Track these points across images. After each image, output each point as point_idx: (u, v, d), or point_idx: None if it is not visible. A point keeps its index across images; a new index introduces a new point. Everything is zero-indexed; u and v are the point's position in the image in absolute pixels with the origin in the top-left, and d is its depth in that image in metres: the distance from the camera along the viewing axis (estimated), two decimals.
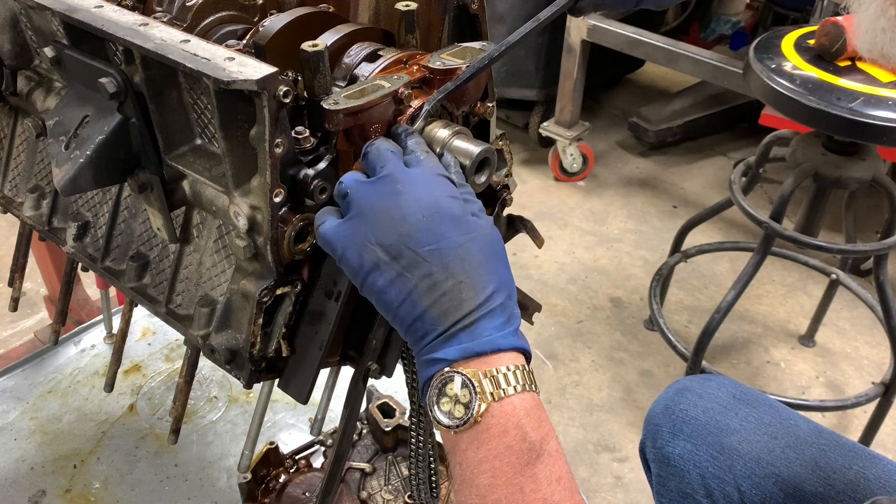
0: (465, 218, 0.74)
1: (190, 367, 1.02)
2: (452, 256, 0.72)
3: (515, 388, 0.70)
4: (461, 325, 0.71)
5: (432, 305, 0.71)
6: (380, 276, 0.73)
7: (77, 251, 1.10)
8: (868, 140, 1.89)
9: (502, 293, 0.73)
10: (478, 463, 0.69)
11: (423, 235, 0.72)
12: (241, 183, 0.83)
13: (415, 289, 0.72)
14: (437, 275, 0.71)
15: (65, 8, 0.86)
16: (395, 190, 0.73)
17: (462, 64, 0.88)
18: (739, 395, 1.23)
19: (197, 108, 0.87)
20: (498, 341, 0.71)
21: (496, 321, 0.72)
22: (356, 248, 0.74)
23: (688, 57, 2.89)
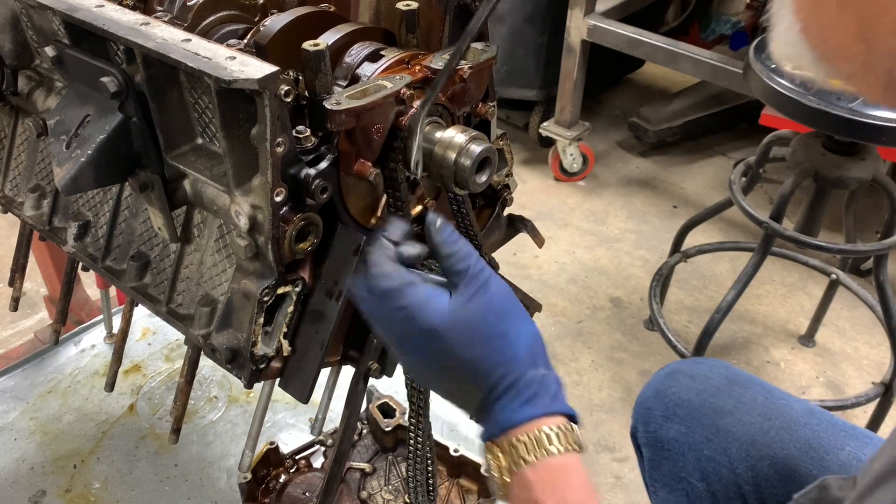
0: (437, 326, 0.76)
1: (191, 366, 1.02)
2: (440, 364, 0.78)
3: (526, 461, 0.74)
4: (489, 400, 0.76)
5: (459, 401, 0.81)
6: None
7: (78, 251, 1.10)
8: (868, 140, 1.89)
9: (501, 372, 0.76)
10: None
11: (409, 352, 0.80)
12: (243, 182, 0.83)
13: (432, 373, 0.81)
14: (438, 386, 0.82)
15: (66, 7, 0.86)
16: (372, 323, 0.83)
17: (464, 64, 0.88)
18: (732, 377, 1.22)
19: (198, 107, 0.87)
20: (504, 422, 0.75)
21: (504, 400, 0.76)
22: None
23: (688, 57, 2.89)
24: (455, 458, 1.54)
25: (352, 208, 0.91)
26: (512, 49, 3.38)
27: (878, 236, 2.27)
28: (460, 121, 0.93)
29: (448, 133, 0.85)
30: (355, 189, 0.90)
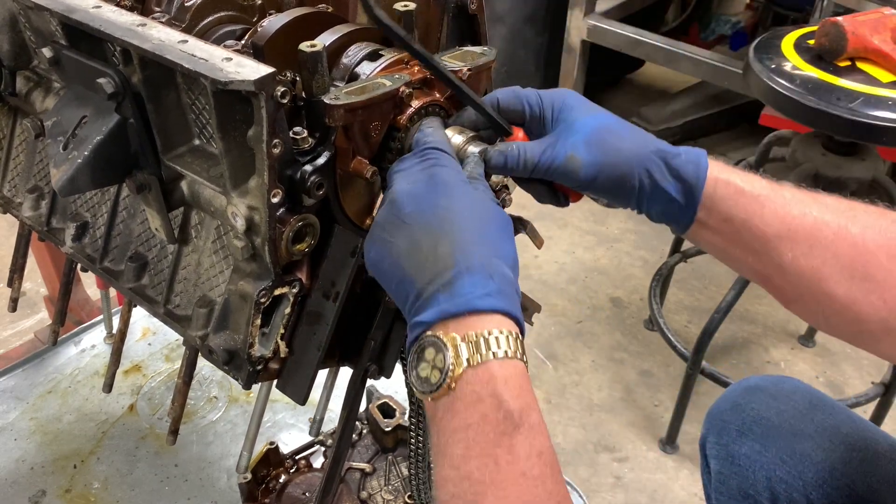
0: (456, 184, 0.75)
1: (188, 367, 1.02)
2: (433, 217, 0.72)
3: (495, 355, 0.66)
4: (438, 283, 0.68)
5: (411, 265, 0.71)
6: (372, 247, 0.76)
7: (76, 251, 1.10)
8: (868, 140, 1.88)
9: (487, 252, 0.70)
10: (452, 432, 0.67)
11: (407, 200, 0.74)
12: (239, 183, 0.83)
13: (399, 251, 0.72)
14: (418, 234, 0.72)
15: (63, 8, 0.86)
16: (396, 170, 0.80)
17: (462, 66, 0.88)
18: (815, 402, 1.19)
19: (195, 108, 0.87)
20: (475, 302, 0.67)
21: (475, 278, 0.68)
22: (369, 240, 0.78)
23: (688, 57, 2.89)
24: None
25: (348, 209, 0.91)
26: (512, 49, 3.38)
27: None
28: None
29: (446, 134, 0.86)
30: (352, 188, 0.90)
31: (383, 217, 0.76)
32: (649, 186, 0.84)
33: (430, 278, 0.69)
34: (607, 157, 0.82)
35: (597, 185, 0.84)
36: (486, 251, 0.71)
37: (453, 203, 0.73)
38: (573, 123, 0.84)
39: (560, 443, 2.29)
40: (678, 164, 0.83)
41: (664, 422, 2.32)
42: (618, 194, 0.85)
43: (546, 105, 0.86)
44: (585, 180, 0.83)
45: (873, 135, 1.75)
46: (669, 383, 2.49)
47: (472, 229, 0.72)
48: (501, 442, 0.65)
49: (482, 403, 0.66)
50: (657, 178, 0.83)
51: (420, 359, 0.69)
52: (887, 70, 1.83)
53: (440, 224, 0.71)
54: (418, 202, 0.73)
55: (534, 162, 0.83)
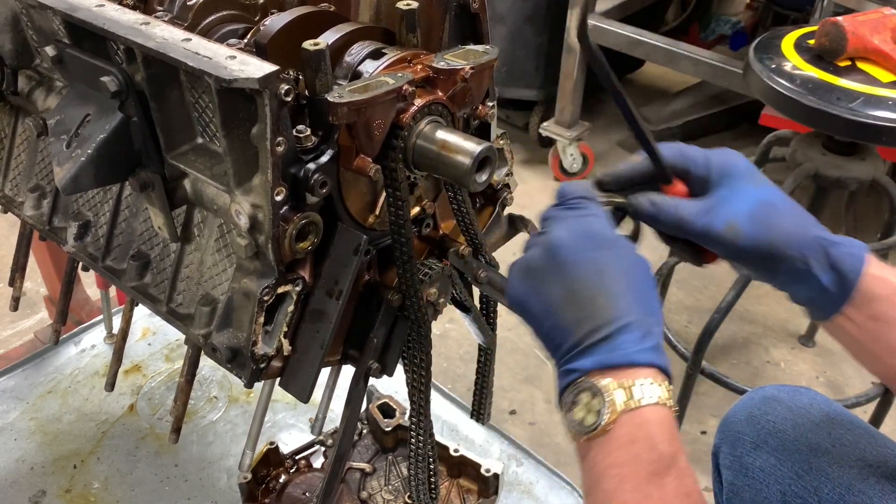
0: (611, 238, 0.79)
1: (191, 366, 1.02)
2: (592, 269, 0.76)
3: (649, 402, 0.71)
4: (597, 336, 0.73)
5: (567, 313, 0.75)
6: (521, 287, 0.79)
7: (78, 250, 1.10)
8: (868, 140, 1.89)
9: (640, 308, 0.74)
10: (605, 468, 0.71)
11: (565, 249, 0.77)
12: (243, 182, 0.83)
13: (553, 299, 0.76)
14: (575, 285, 0.75)
15: (66, 7, 0.86)
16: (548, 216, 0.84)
17: (465, 65, 0.88)
18: (833, 415, 1.15)
19: (198, 106, 0.87)
20: (633, 356, 0.72)
21: (633, 335, 0.73)
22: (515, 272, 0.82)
23: (688, 57, 2.89)
24: (455, 458, 1.54)
25: (351, 207, 0.91)
26: (512, 49, 3.38)
27: (878, 236, 2.27)
28: (460, 122, 0.93)
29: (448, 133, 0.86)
30: (355, 186, 0.90)
31: (537, 261, 0.79)
32: (802, 271, 0.83)
33: (589, 331, 0.74)
34: (768, 234, 0.82)
35: (747, 257, 0.84)
36: (641, 309, 0.75)
37: (610, 257, 0.77)
38: (738, 191, 0.84)
39: (560, 443, 2.29)
40: (837, 255, 0.83)
41: None
42: (765, 270, 0.86)
43: (712, 165, 0.86)
44: (740, 252, 0.84)
45: (873, 135, 1.75)
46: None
47: (627, 285, 0.75)
48: (653, 480, 0.69)
49: (636, 444, 0.70)
50: (812, 265, 0.83)
51: (575, 402, 0.73)
52: (887, 70, 1.83)
53: (599, 277, 0.75)
54: (576, 253, 0.77)
55: (689, 222, 0.84)
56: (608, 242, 0.78)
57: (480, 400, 1.26)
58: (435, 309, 1.03)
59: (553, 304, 0.76)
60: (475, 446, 1.68)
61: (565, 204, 0.83)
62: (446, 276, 1.03)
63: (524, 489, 1.61)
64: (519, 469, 1.64)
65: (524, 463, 1.66)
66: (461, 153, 0.83)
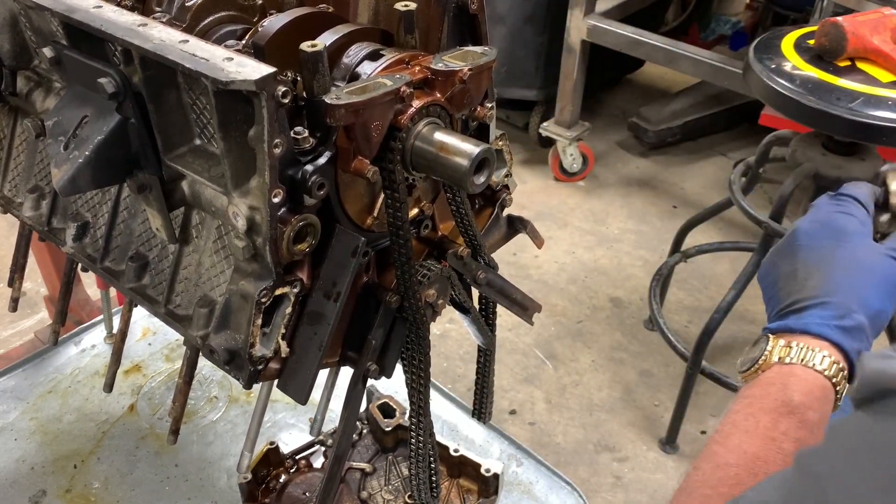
0: (850, 232, 0.88)
1: (189, 367, 1.02)
2: (815, 254, 0.87)
3: (805, 362, 0.79)
4: (794, 307, 0.84)
5: (784, 287, 0.88)
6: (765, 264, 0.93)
7: (76, 251, 1.10)
8: (868, 140, 1.89)
9: (849, 297, 0.82)
10: (740, 396, 0.82)
11: (801, 235, 0.90)
12: (240, 183, 0.83)
13: (780, 274, 0.89)
14: (798, 265, 0.87)
15: (64, 8, 0.86)
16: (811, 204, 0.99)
17: (463, 66, 0.88)
18: None
19: (196, 108, 0.87)
20: (811, 326, 0.81)
21: (825, 312, 0.81)
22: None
23: (688, 57, 2.89)
24: (455, 458, 1.54)
25: (349, 208, 0.91)
26: (512, 49, 3.38)
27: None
28: (458, 124, 0.93)
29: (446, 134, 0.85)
30: (352, 188, 0.90)
31: (781, 243, 0.93)
32: None
33: (791, 302, 0.85)
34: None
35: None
36: (849, 296, 0.83)
37: (837, 247, 0.87)
38: None
39: (560, 442, 2.29)
40: None
41: (664, 422, 2.32)
42: None
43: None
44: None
45: (873, 135, 1.75)
46: (669, 383, 2.49)
47: (844, 273, 0.84)
48: (769, 414, 0.78)
49: (772, 386, 0.80)
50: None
51: (753, 348, 0.86)
52: (887, 70, 1.83)
53: (818, 261, 0.86)
54: (808, 238, 0.89)
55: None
56: (844, 237, 0.88)
57: (481, 399, 1.26)
58: (434, 310, 1.03)
59: (780, 278, 0.89)
60: (475, 446, 1.68)
61: (834, 197, 0.97)
62: (445, 277, 1.03)
63: (524, 489, 1.61)
64: (519, 469, 1.64)
65: (524, 463, 1.65)
66: (459, 155, 0.83)
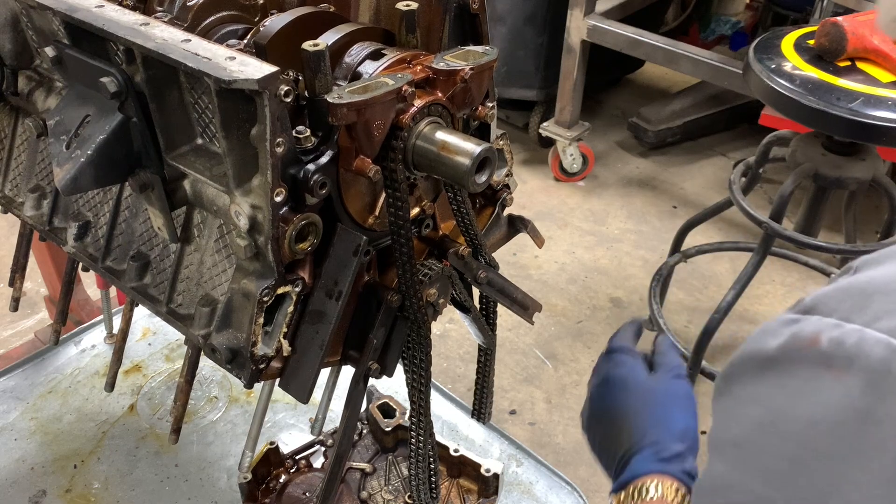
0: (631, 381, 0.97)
1: (191, 366, 1.02)
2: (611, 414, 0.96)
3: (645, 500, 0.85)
4: (619, 462, 0.92)
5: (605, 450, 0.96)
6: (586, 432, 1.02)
7: (78, 251, 1.10)
8: (868, 140, 1.89)
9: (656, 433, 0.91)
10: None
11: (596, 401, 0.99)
12: (242, 182, 0.83)
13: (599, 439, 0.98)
14: (606, 428, 0.96)
15: (66, 7, 0.86)
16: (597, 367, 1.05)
17: (465, 66, 0.88)
18: None
19: (198, 107, 0.87)
20: (637, 469, 0.88)
21: (643, 455, 0.89)
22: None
23: (688, 57, 2.90)
24: (455, 458, 1.54)
25: (351, 207, 0.91)
26: (512, 49, 3.38)
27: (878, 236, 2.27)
28: (459, 123, 0.93)
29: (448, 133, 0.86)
30: (354, 187, 0.90)
31: (588, 409, 1.01)
32: None
33: (615, 460, 0.93)
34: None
35: None
36: (657, 432, 0.91)
37: (627, 399, 0.95)
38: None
39: (560, 443, 2.29)
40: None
41: None
42: None
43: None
44: None
45: (873, 135, 1.75)
46: None
47: (643, 417, 0.93)
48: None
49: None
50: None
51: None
52: (887, 70, 1.83)
53: (619, 418, 0.94)
54: (601, 402, 0.98)
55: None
56: (626, 387, 0.97)
57: (481, 399, 1.27)
58: (435, 309, 1.03)
59: (599, 447, 0.98)
60: (475, 446, 1.68)
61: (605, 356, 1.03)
62: (446, 276, 1.03)
63: (524, 489, 1.61)
64: (519, 469, 1.64)
65: (524, 463, 1.66)
66: (461, 154, 0.83)
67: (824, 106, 1.75)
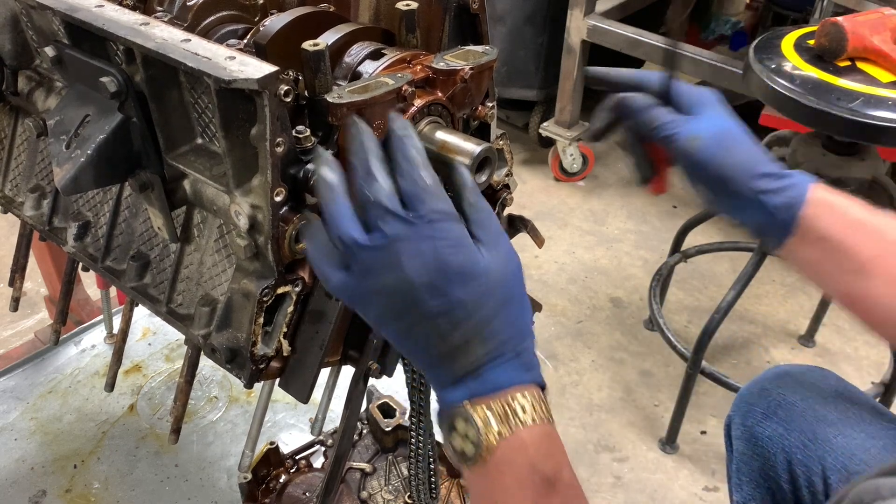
0: (472, 268, 0.71)
1: (190, 367, 1.02)
2: (460, 313, 0.71)
3: (524, 423, 0.70)
4: (467, 369, 0.72)
5: (442, 357, 0.72)
6: (392, 329, 0.74)
7: (78, 251, 1.10)
8: (868, 140, 1.88)
9: (510, 333, 0.73)
10: (489, 495, 0.71)
11: (430, 296, 0.70)
12: (242, 182, 0.83)
13: (426, 342, 0.72)
14: (445, 328, 0.71)
15: (66, 7, 0.86)
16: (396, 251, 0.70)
17: (465, 66, 0.88)
18: (842, 390, 1.21)
19: (198, 107, 0.87)
20: (502, 382, 0.71)
21: (502, 360, 0.72)
22: (365, 304, 0.74)
23: (688, 57, 2.89)
24: None
25: None
26: (512, 49, 3.38)
27: None
28: (459, 123, 0.93)
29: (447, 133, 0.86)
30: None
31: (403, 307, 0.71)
32: (750, 201, 0.90)
33: (460, 366, 0.72)
34: (724, 156, 0.89)
35: (701, 176, 0.91)
36: (509, 332, 0.73)
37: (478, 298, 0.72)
38: (708, 115, 0.92)
39: None
40: (782, 186, 0.89)
41: (664, 422, 2.32)
42: (717, 195, 0.92)
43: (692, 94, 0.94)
44: (695, 164, 0.90)
45: (873, 135, 1.75)
46: (669, 383, 2.49)
47: (494, 315, 0.72)
48: (539, 502, 0.69)
49: (516, 470, 0.70)
50: (760, 195, 0.89)
51: (452, 430, 0.72)
52: (887, 70, 1.83)
53: (465, 316, 0.71)
54: (438, 296, 0.70)
55: (662, 123, 0.91)
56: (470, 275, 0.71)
57: None
58: None
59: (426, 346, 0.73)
60: None
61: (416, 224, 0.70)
62: None
63: None
64: None
65: None
66: (461, 154, 0.83)
67: (824, 106, 1.75)
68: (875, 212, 0.90)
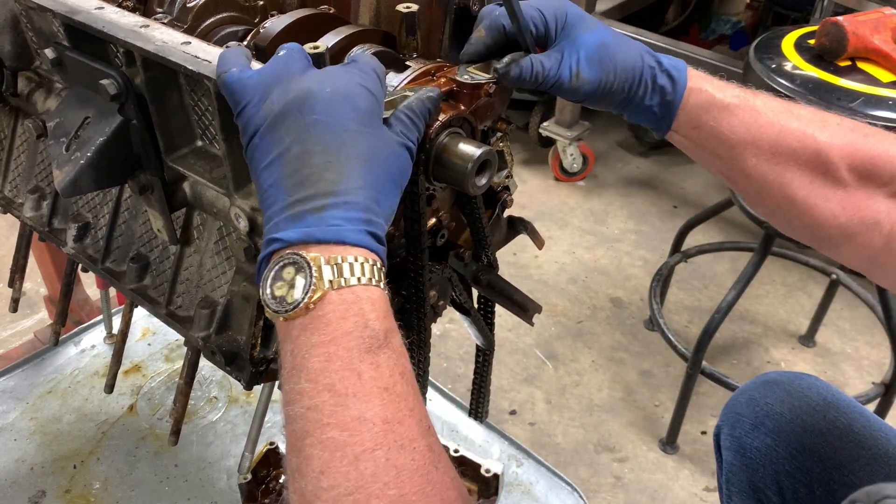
0: (372, 114, 0.71)
1: (190, 368, 1.02)
2: (335, 137, 0.68)
3: (360, 280, 0.65)
4: (311, 204, 0.66)
5: (292, 174, 0.67)
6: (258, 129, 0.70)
7: (77, 252, 1.10)
8: None
9: (372, 194, 0.68)
10: (311, 347, 0.64)
11: (320, 105, 0.68)
12: (243, 185, 0.83)
13: (285, 153, 0.68)
14: (315, 148, 0.67)
15: (66, 9, 0.86)
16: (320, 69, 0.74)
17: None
18: (831, 399, 1.21)
19: (198, 109, 0.87)
20: (346, 234, 0.66)
21: (350, 214, 0.66)
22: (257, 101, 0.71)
23: (688, 57, 2.89)
24: (455, 458, 1.54)
25: None
26: None
27: None
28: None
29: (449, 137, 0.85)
30: None
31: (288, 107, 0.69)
32: (636, 101, 0.92)
33: (306, 196, 0.66)
34: (606, 75, 0.89)
35: (592, 99, 0.91)
36: (372, 193, 0.68)
37: (364, 133, 0.69)
38: (575, 40, 0.90)
39: (560, 443, 2.29)
40: (662, 82, 0.91)
41: (664, 422, 2.32)
42: (608, 104, 0.93)
43: (549, 21, 0.90)
44: (586, 97, 0.90)
45: None
46: (669, 383, 2.49)
47: (368, 167, 0.69)
48: (365, 358, 0.64)
49: (346, 321, 0.65)
50: (641, 93, 0.91)
51: (277, 276, 0.66)
52: (887, 70, 1.83)
53: (340, 148, 0.68)
54: (329, 114, 0.68)
55: (546, 77, 0.89)
56: (367, 118, 0.70)
57: (479, 399, 1.26)
58: (434, 312, 1.03)
59: (286, 159, 0.67)
60: (475, 446, 1.68)
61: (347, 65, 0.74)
62: (446, 278, 1.03)
63: (524, 489, 1.61)
64: (519, 469, 1.64)
65: (524, 463, 1.66)
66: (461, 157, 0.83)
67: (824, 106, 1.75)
68: (749, 94, 0.92)
